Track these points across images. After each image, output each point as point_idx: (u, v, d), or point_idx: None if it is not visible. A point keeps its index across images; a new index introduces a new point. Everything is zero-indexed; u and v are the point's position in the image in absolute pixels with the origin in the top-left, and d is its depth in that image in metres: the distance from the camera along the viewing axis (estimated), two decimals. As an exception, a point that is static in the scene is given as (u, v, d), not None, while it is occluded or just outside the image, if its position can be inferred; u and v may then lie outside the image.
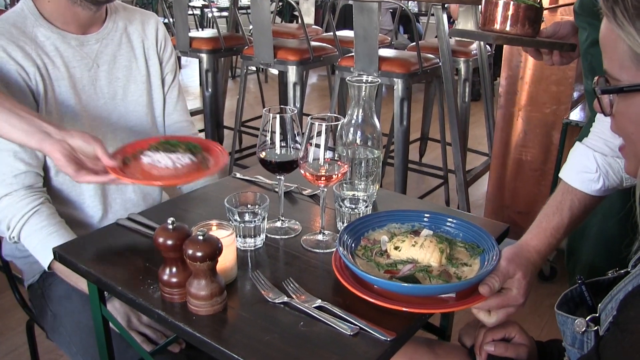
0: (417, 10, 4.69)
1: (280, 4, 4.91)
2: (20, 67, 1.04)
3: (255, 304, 0.77)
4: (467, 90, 2.65)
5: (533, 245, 0.84)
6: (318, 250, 0.91)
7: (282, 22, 5.28)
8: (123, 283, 0.81)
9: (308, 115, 0.92)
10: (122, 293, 0.80)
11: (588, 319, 0.71)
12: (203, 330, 0.72)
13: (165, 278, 0.77)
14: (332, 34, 2.76)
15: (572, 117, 1.93)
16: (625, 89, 0.62)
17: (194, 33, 2.97)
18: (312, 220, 1.02)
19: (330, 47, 2.66)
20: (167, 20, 3.13)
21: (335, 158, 0.91)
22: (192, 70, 5.39)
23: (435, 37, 2.45)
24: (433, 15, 2.37)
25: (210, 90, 2.90)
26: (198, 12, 5.48)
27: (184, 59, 5.34)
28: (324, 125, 0.86)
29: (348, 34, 2.81)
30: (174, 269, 0.77)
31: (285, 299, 0.77)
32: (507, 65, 2.17)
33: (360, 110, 1.02)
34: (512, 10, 1.13)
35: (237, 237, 0.89)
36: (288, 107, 0.93)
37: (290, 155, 0.94)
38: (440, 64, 2.21)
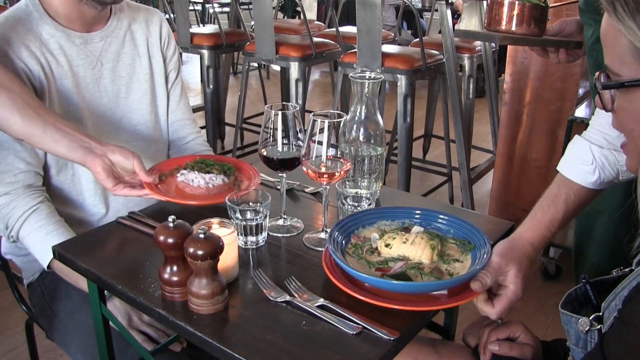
0: (420, 6, 4.66)
1: (282, 0, 4.90)
2: (24, 64, 1.04)
3: (257, 303, 0.77)
4: (471, 87, 2.63)
5: (527, 238, 0.84)
6: (320, 249, 0.90)
7: (284, 17, 5.27)
8: (123, 282, 0.81)
9: (310, 112, 0.92)
10: (122, 292, 0.80)
11: (592, 318, 0.71)
12: (204, 330, 0.71)
13: (166, 277, 0.76)
14: (334, 30, 2.75)
15: (577, 113, 1.91)
16: (626, 84, 0.62)
17: (195, 29, 2.96)
18: (314, 218, 1.02)
19: (333, 43, 2.65)
20: (168, 16, 3.12)
21: (338, 155, 0.91)
22: (193, 67, 5.37)
23: (439, 32, 2.43)
24: (437, 11, 2.36)
25: (212, 87, 2.89)
26: (199, 7, 5.46)
27: (185, 55, 5.31)
28: (327, 122, 0.86)
29: (351, 30, 2.80)
30: (175, 268, 0.76)
31: (288, 298, 0.77)
32: (511, 62, 2.16)
33: (363, 107, 1.01)
34: (517, 10, 1.13)
35: (238, 235, 0.88)
36: (290, 103, 0.93)
37: (293, 153, 0.93)
38: (444, 60, 2.20)
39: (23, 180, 1.06)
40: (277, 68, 4.32)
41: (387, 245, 0.83)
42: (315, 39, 2.58)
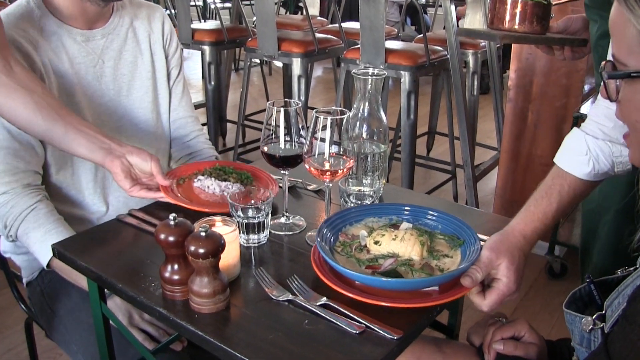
0: (424, 2, 4.64)
1: (285, -4, 4.88)
2: (26, 62, 1.03)
3: (259, 302, 0.76)
4: (475, 83, 2.62)
5: (519, 230, 0.83)
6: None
7: (286, 13, 5.25)
8: (124, 280, 0.80)
9: (313, 109, 0.91)
10: (122, 290, 0.80)
11: (595, 317, 0.71)
12: (205, 329, 0.71)
13: (167, 275, 0.76)
14: (337, 26, 2.73)
15: (583, 110, 1.90)
16: (633, 75, 0.61)
17: (197, 24, 2.95)
18: (317, 216, 1.01)
19: (336, 39, 2.63)
20: (169, 12, 3.11)
21: (341, 152, 0.91)
22: (194, 63, 5.34)
23: (443, 28, 2.42)
24: (441, 7, 2.34)
25: (213, 83, 2.88)
26: (200, 3, 5.44)
27: (186, 51, 5.28)
28: (329, 119, 0.86)
29: (354, 26, 2.78)
30: (176, 266, 0.76)
31: (290, 297, 0.76)
32: (516, 58, 2.15)
33: (367, 104, 1.01)
34: (519, 8, 1.13)
35: (240, 233, 0.88)
36: (292, 100, 0.93)
37: (295, 150, 0.93)
38: (448, 56, 2.18)
39: (22, 180, 1.05)
40: (279, 64, 4.31)
41: (376, 243, 0.82)
42: (318, 35, 2.57)
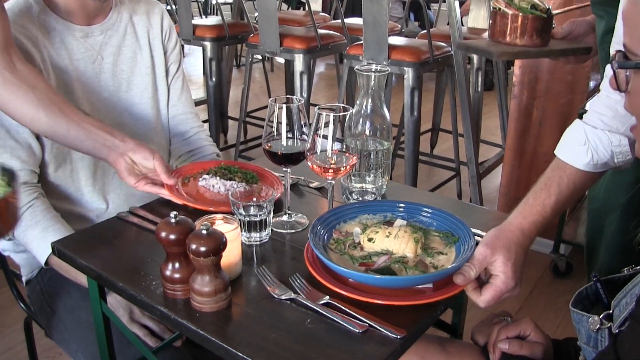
0: (427, -3, 4.61)
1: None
2: (25, 58, 1.02)
3: (261, 301, 0.76)
4: (479, 80, 2.60)
5: (516, 224, 0.81)
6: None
7: (288, 9, 5.22)
8: (124, 279, 0.80)
9: (315, 106, 0.91)
10: (123, 289, 0.79)
11: (602, 316, 0.70)
12: (207, 328, 0.70)
13: (168, 274, 0.75)
14: (340, 22, 2.72)
15: (588, 107, 1.88)
16: None
17: (198, 20, 2.94)
18: (319, 214, 1.00)
19: (338, 35, 2.62)
20: (169, 7, 3.10)
21: (344, 149, 0.90)
22: (195, 59, 5.33)
23: (447, 24, 2.40)
24: (445, 2, 2.32)
25: (215, 80, 2.87)
26: (202, -2, 5.43)
27: (187, 47, 5.29)
28: (332, 116, 0.85)
29: (357, 22, 2.77)
30: (177, 265, 0.75)
31: (292, 296, 0.76)
32: (520, 54, 2.12)
33: (370, 100, 1.00)
34: (519, 22, 1.14)
35: (242, 231, 0.87)
36: (295, 97, 0.92)
37: (297, 147, 0.92)
38: (452, 53, 2.17)
39: (18, 178, 1.05)
40: (281, 60, 4.30)
41: (370, 240, 0.82)
42: (321, 31, 2.56)
